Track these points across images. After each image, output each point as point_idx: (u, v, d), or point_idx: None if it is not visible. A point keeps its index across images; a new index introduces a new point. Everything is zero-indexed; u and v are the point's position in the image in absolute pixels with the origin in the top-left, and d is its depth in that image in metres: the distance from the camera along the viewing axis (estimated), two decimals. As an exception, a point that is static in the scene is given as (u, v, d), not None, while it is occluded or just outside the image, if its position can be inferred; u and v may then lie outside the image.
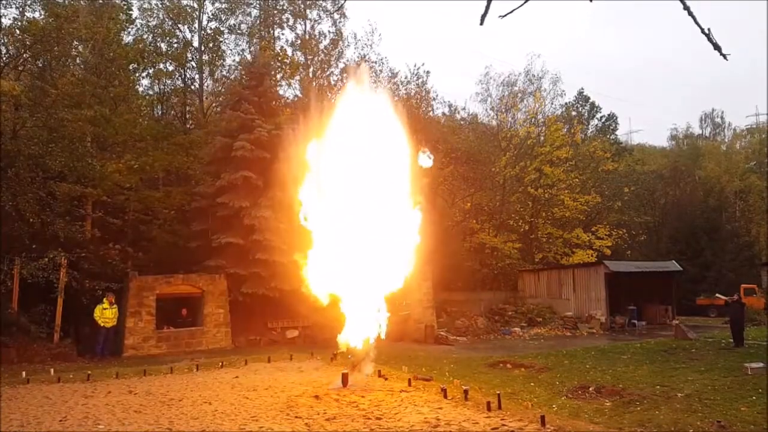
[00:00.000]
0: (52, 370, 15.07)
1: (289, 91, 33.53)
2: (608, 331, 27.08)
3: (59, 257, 18.75)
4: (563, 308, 29.46)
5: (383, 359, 14.88)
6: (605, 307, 28.02)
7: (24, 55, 21.77)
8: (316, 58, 32.80)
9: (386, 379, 12.95)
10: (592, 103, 48.38)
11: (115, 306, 19.74)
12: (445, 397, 10.76)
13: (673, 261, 32.00)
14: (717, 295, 30.07)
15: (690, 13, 3.19)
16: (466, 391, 10.61)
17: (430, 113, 35.21)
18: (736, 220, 47.75)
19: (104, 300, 19.59)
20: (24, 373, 14.24)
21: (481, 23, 3.46)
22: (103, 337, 19.34)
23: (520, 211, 36.75)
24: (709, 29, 3.18)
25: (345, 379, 11.98)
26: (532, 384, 12.87)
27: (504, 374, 14.56)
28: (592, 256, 35.11)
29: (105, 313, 19.48)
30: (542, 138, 37.64)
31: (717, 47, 3.25)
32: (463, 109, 41.22)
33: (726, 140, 60.08)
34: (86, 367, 15.93)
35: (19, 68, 22.37)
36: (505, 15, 3.41)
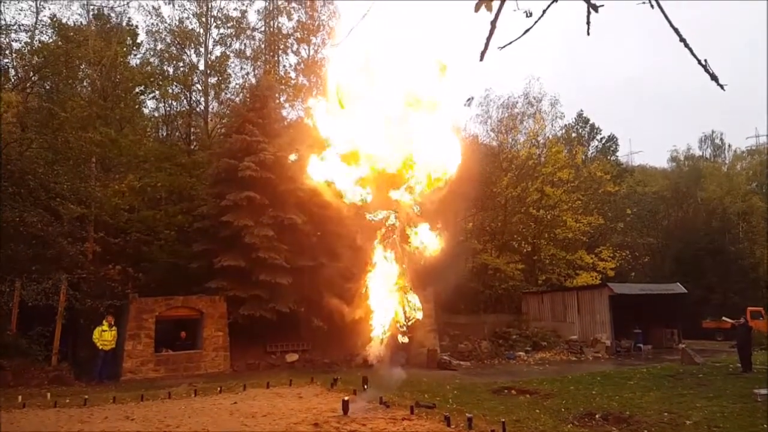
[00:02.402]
0: (48, 395, 14.86)
1: (292, 113, 33.76)
2: (614, 355, 26.73)
3: (61, 281, 18.66)
4: (568, 331, 29.13)
5: (385, 384, 14.64)
6: (610, 331, 27.71)
7: (33, 78, 22.00)
8: (319, 81, 33.06)
9: (388, 406, 12.72)
10: (592, 125, 48.55)
11: (114, 328, 19.58)
12: (449, 425, 10.54)
13: (678, 283, 31.69)
14: (723, 318, 29.72)
15: (686, 45, 3.17)
16: (470, 419, 10.39)
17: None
18: (739, 241, 47.47)
19: (104, 322, 19.44)
20: (20, 398, 14.03)
21: (481, 59, 3.48)
22: (102, 360, 19.15)
23: (523, 231, 36.63)
24: (705, 60, 3.18)
25: (345, 406, 11.77)
26: (537, 411, 12.63)
27: (509, 401, 14.31)
28: (596, 278, 34.88)
29: (104, 335, 19.32)
30: (543, 159, 37.68)
31: (714, 78, 3.24)
32: (464, 129, 41.33)
33: (726, 162, 60.12)
34: (83, 392, 15.72)
35: (27, 90, 22.57)
36: (504, 46, 3.41)
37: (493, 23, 3.28)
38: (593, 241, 38.71)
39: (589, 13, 3.23)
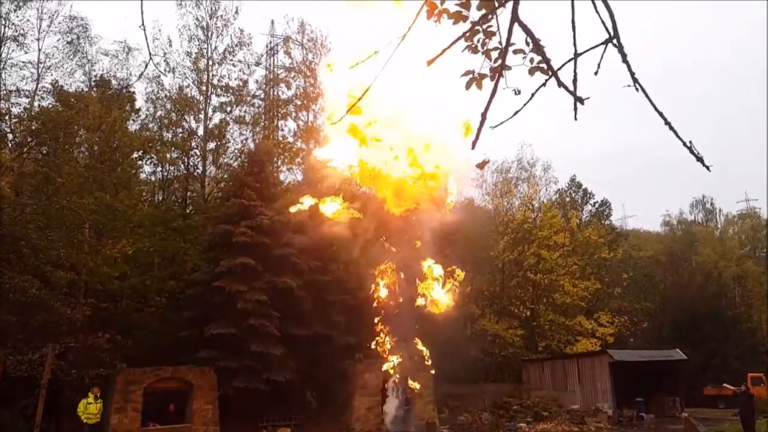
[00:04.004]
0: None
1: (290, 176, 34.05)
2: (616, 425, 25.97)
3: (48, 351, 17.99)
4: (569, 401, 28.35)
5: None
6: (612, 399, 27.01)
7: (30, 142, 22.07)
8: (317, 147, 33.54)
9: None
10: (585, 190, 49.15)
11: (100, 401, 18.70)
12: None
13: (677, 349, 31.21)
14: (725, 385, 29.08)
15: (671, 128, 3.25)
16: None
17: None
18: (736, 306, 47.30)
19: (89, 394, 18.59)
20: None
21: (473, 148, 3.50)
22: (85, 436, 18.17)
23: (521, 296, 36.40)
24: (690, 142, 3.23)
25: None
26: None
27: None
28: (595, 344, 34.44)
29: (89, 408, 18.39)
30: (539, 222, 37.94)
31: (699, 159, 3.25)
32: (460, 193, 41.75)
33: (719, 226, 60.79)
34: (65, 472, 14.80)
35: (24, 155, 22.58)
36: (496, 126, 3.43)
37: (484, 114, 3.28)
38: (591, 306, 38.47)
39: (575, 105, 3.24)
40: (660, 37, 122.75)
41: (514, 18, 3.09)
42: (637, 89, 3.29)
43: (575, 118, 3.42)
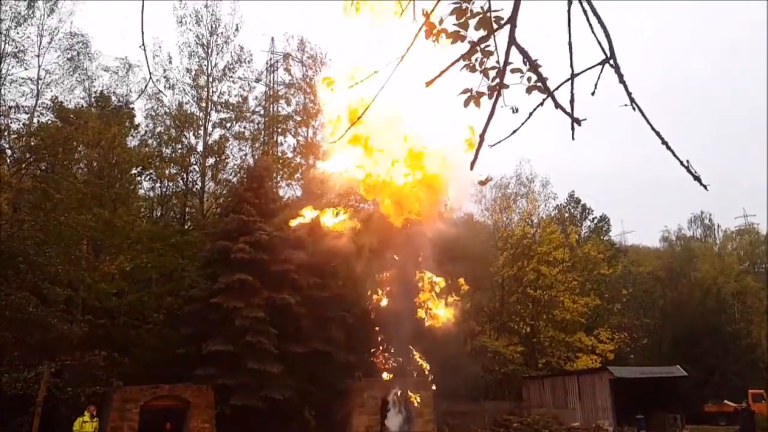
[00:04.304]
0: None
1: (289, 191, 34.07)
2: (617, 443, 25.67)
3: (44, 369, 17.83)
4: (570, 418, 28.09)
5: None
6: (612, 417, 26.77)
7: (29, 158, 22.09)
8: (317, 161, 33.62)
9: None
10: (584, 205, 49.18)
11: (96, 419, 18.44)
12: None
13: (678, 366, 31.04)
14: (725, 401, 28.81)
15: (668, 148, 3.28)
16: None
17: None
18: (735, 322, 47.14)
19: (85, 412, 18.36)
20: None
21: (471, 168, 3.55)
22: (80, 455, 17.92)
23: (521, 312, 36.25)
24: (687, 161, 3.21)
25: None
26: None
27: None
28: (595, 361, 34.23)
29: (85, 427, 18.13)
30: (538, 238, 37.90)
31: (697, 178, 3.26)
32: (459, 208, 41.76)
33: (717, 242, 60.78)
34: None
35: (22, 171, 22.59)
36: (494, 145, 3.45)
37: (482, 135, 3.30)
38: (591, 322, 38.30)
39: (573, 126, 3.26)
40: (659, 41, 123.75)
41: (511, 41, 3.12)
42: (634, 109, 3.31)
43: (573, 138, 3.44)
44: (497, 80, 3.55)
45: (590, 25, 2.95)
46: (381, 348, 22.46)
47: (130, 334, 23.83)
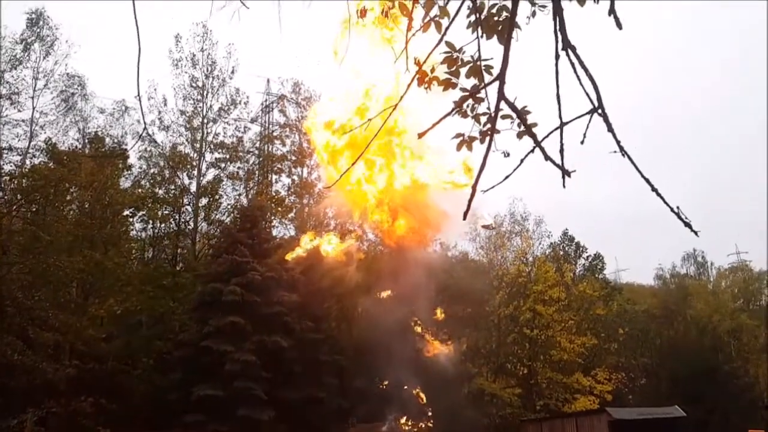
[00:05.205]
0: None
1: (283, 230, 34.01)
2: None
3: (28, 417, 17.28)
4: (569, 463, 27.38)
5: None
6: (612, 461, 26.12)
7: (20, 200, 21.95)
8: (312, 200, 33.72)
9: None
10: (578, 243, 49.20)
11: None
12: None
13: (676, 406, 30.59)
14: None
15: (658, 194, 3.28)
16: None
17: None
18: (732, 360, 46.79)
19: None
20: None
21: (464, 218, 3.62)
22: None
23: (518, 353, 35.80)
24: (678, 207, 3.23)
25: None
26: None
27: None
28: (594, 402, 33.68)
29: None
30: (533, 276, 37.76)
31: (687, 225, 3.28)
32: (454, 247, 41.69)
33: (711, 279, 60.74)
34: None
35: (13, 213, 22.42)
36: (487, 190, 3.50)
37: (474, 186, 3.33)
38: (589, 362, 37.86)
39: (563, 179, 3.29)
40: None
41: (500, 97, 3.16)
42: (623, 155, 3.33)
43: (563, 186, 3.45)
44: (489, 125, 3.60)
45: (578, 77, 2.99)
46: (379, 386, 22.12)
47: (119, 379, 23.26)
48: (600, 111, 3.02)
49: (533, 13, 3.62)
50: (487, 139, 3.58)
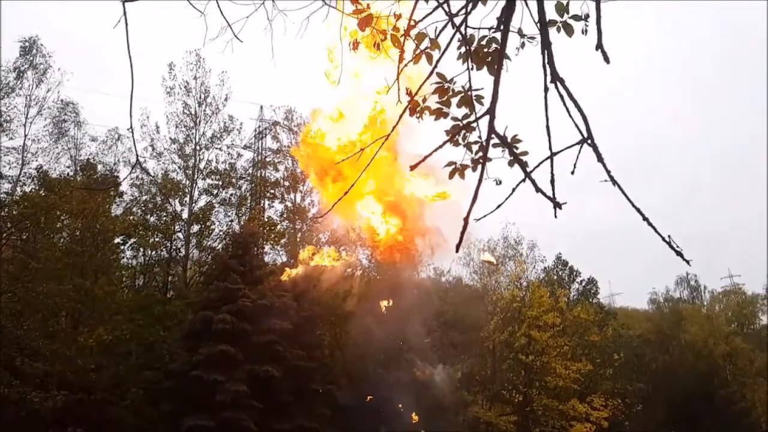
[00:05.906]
0: None
1: (275, 256, 33.83)
2: None
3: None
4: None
5: None
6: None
7: (10, 228, 21.76)
8: (305, 225, 33.64)
9: None
10: (571, 267, 49.14)
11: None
12: None
13: (674, 432, 30.28)
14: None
15: (649, 224, 3.31)
16: None
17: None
18: (728, 384, 46.48)
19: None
20: None
21: (457, 251, 3.76)
22: None
23: (513, 380, 35.41)
24: (669, 236, 3.23)
25: None
26: None
27: None
28: (590, 429, 33.28)
29: None
30: (528, 301, 37.58)
31: (679, 254, 3.29)
32: (448, 272, 41.54)
33: (705, 303, 60.69)
34: None
35: (3, 241, 22.19)
36: (480, 218, 3.50)
37: (466, 219, 3.32)
38: (584, 388, 37.50)
39: (555, 209, 3.30)
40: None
41: (491, 130, 3.19)
42: (614, 185, 3.34)
43: (555, 216, 3.46)
44: (480, 154, 3.62)
45: (567, 108, 3.02)
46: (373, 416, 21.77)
47: (108, 410, 22.76)
48: (590, 141, 3.04)
49: (522, 45, 3.67)
50: (479, 167, 3.60)
